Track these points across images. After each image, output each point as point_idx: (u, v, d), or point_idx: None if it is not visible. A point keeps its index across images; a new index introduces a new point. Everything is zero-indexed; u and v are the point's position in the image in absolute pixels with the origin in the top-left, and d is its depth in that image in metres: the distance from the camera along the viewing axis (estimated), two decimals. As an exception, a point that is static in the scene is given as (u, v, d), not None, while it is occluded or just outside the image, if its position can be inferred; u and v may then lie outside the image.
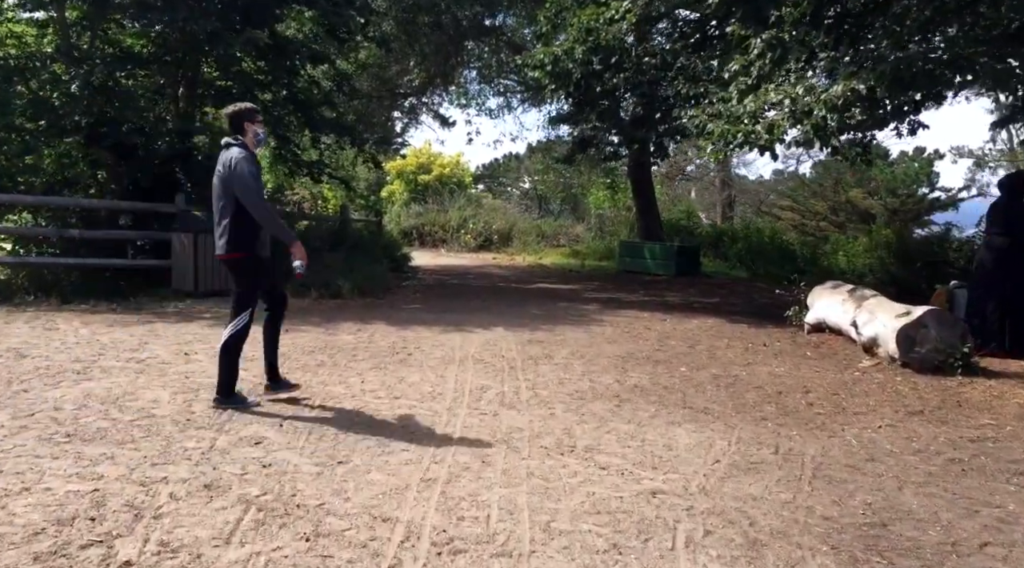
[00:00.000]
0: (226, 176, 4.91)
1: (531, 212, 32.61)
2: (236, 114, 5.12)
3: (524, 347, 8.15)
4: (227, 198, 4.94)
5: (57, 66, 11.86)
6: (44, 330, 7.70)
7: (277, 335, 5.56)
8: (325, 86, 14.66)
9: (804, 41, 8.08)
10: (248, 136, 5.07)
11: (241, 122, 5.09)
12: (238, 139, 5.05)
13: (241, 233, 4.96)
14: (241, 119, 5.09)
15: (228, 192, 4.93)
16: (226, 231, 4.96)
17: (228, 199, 4.94)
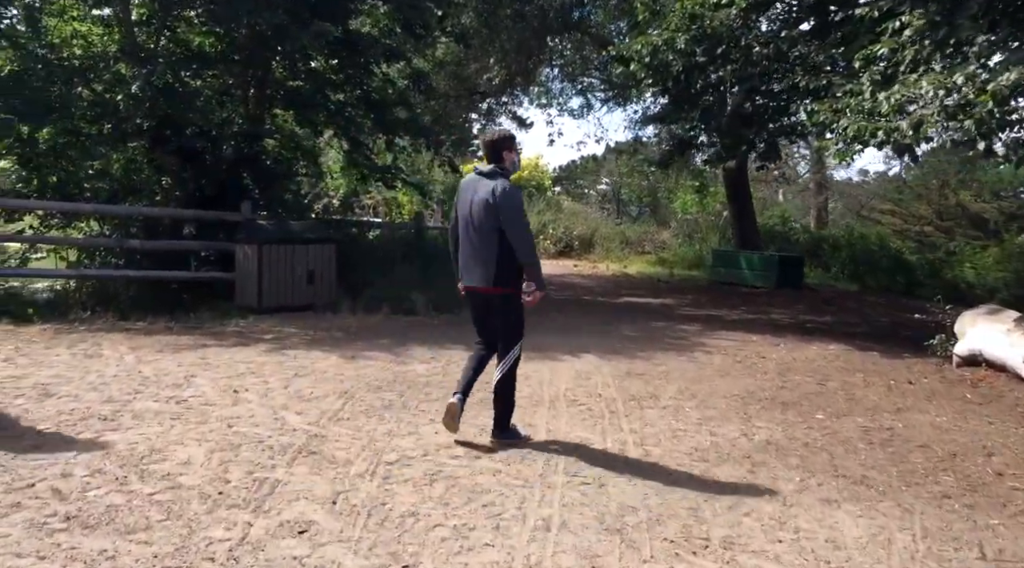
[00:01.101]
0: (495, 206, 4.68)
1: (611, 216, 31.28)
2: (496, 142, 4.92)
3: (623, 382, 6.99)
4: (492, 230, 4.73)
5: (121, 66, 11.23)
6: (85, 357, 6.90)
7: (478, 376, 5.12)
8: (400, 85, 13.75)
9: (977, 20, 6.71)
10: (506, 164, 4.90)
11: (500, 150, 4.89)
12: (501, 167, 4.86)
13: (514, 265, 4.76)
14: (500, 147, 4.90)
15: (494, 224, 4.71)
16: (494, 264, 4.77)
17: (493, 231, 4.73)
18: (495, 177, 4.81)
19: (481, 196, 4.76)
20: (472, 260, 4.85)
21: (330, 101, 12.66)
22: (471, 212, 4.81)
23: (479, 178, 4.87)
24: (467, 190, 4.91)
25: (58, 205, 10.76)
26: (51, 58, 10.83)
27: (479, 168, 4.93)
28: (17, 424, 4.80)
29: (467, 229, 4.86)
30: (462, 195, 4.94)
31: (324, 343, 8.43)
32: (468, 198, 4.86)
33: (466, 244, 4.88)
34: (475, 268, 4.84)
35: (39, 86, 10.58)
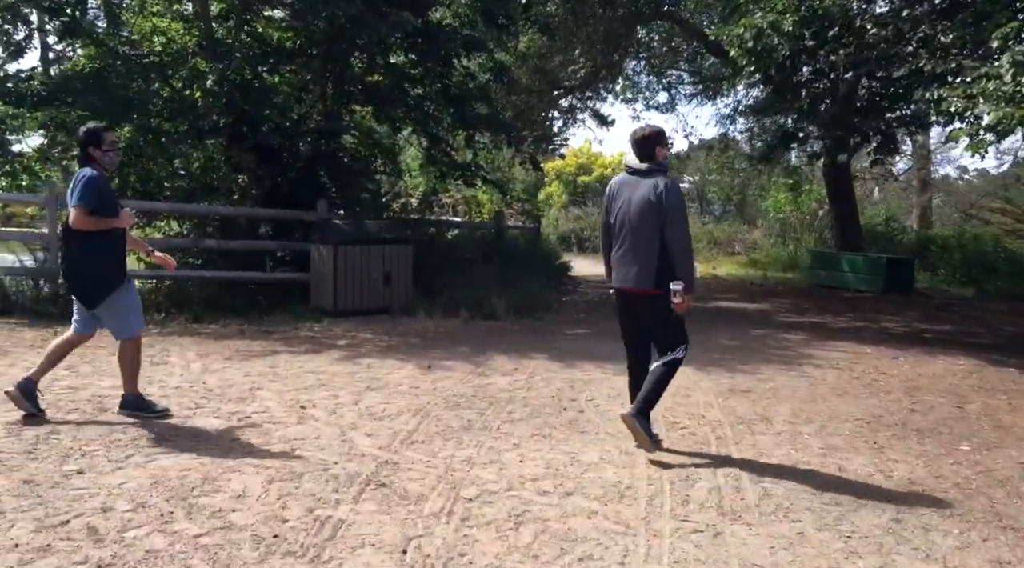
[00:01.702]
0: (658, 205, 4.55)
1: (697, 215, 30.17)
2: (649, 137, 4.71)
3: (726, 400, 6.24)
4: (653, 229, 4.59)
5: (199, 61, 11.01)
6: (150, 365, 6.53)
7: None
8: (480, 79, 13.20)
9: None
10: (660, 160, 4.72)
11: (653, 145, 4.71)
12: (658, 164, 4.69)
13: (670, 268, 4.60)
14: (654, 142, 4.71)
15: (656, 223, 4.58)
16: (655, 265, 4.61)
17: (654, 230, 4.59)
18: (654, 174, 4.66)
19: (641, 194, 4.62)
20: (630, 261, 4.71)
21: (409, 96, 12.21)
22: (629, 211, 4.67)
23: (635, 177, 4.72)
24: (623, 189, 4.76)
25: (134, 204, 10.58)
26: (131, 55, 10.68)
27: (632, 165, 4.77)
28: (64, 445, 4.38)
29: (623, 229, 4.72)
30: (617, 194, 4.79)
31: (399, 350, 7.92)
32: (625, 197, 4.71)
33: (623, 244, 4.73)
34: (633, 269, 4.69)
35: (119, 83, 10.43)
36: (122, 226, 4.69)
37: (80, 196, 4.51)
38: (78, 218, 4.51)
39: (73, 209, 4.53)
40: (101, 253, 4.62)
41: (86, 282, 4.66)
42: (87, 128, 4.78)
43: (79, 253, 4.60)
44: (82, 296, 4.71)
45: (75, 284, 4.70)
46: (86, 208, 4.50)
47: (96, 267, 4.63)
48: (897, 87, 8.98)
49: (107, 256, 4.66)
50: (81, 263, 4.61)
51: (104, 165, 4.73)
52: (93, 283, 4.66)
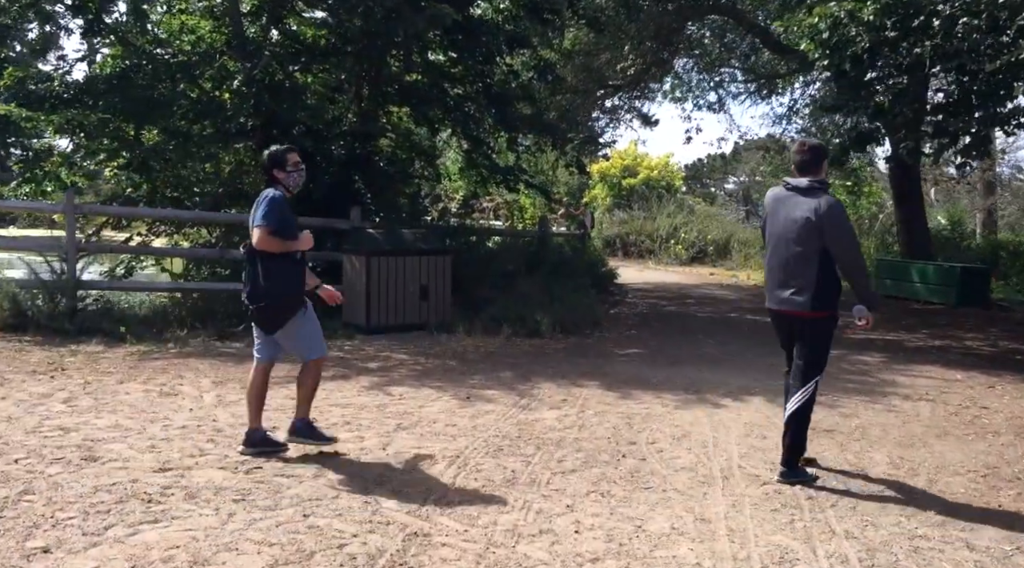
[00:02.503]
0: (818, 225, 4.35)
1: (745, 219, 29.07)
2: (813, 152, 4.55)
3: (809, 444, 5.38)
4: (811, 249, 4.41)
5: (227, 61, 10.43)
6: (159, 396, 5.89)
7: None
8: (523, 78, 12.45)
9: None
10: (819, 177, 4.52)
11: (817, 162, 4.53)
12: (820, 181, 4.49)
13: (830, 289, 4.47)
14: (818, 158, 4.55)
15: (815, 243, 4.39)
16: (813, 285, 4.43)
17: (812, 251, 4.41)
18: (814, 193, 4.44)
19: (799, 214, 4.43)
20: (785, 281, 4.54)
21: (448, 96, 11.51)
22: (784, 229, 4.50)
23: (793, 194, 4.51)
24: (778, 206, 4.59)
25: (153, 212, 10.05)
26: (157, 54, 10.12)
27: (790, 181, 4.56)
28: (35, 511, 3.71)
29: (780, 248, 4.55)
30: (774, 212, 4.61)
31: (435, 375, 7.20)
32: (780, 214, 4.54)
33: (778, 264, 4.57)
34: (786, 290, 4.53)
35: (144, 84, 9.88)
36: (302, 248, 4.50)
37: (263, 215, 4.34)
38: (262, 238, 4.33)
39: (256, 229, 4.35)
40: (284, 276, 4.45)
41: (270, 306, 4.47)
42: (272, 151, 4.69)
43: (263, 276, 4.40)
44: (264, 320, 4.52)
45: (259, 307, 4.47)
46: (269, 227, 4.33)
47: (279, 290, 4.44)
48: (991, 82, 8.02)
49: (289, 279, 4.48)
50: (265, 286, 4.41)
51: (288, 187, 4.60)
52: (277, 307, 4.49)
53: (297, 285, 4.50)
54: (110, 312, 8.92)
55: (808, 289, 4.43)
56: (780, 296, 4.57)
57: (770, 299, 4.68)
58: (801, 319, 4.52)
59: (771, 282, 4.65)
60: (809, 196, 4.43)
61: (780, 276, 4.56)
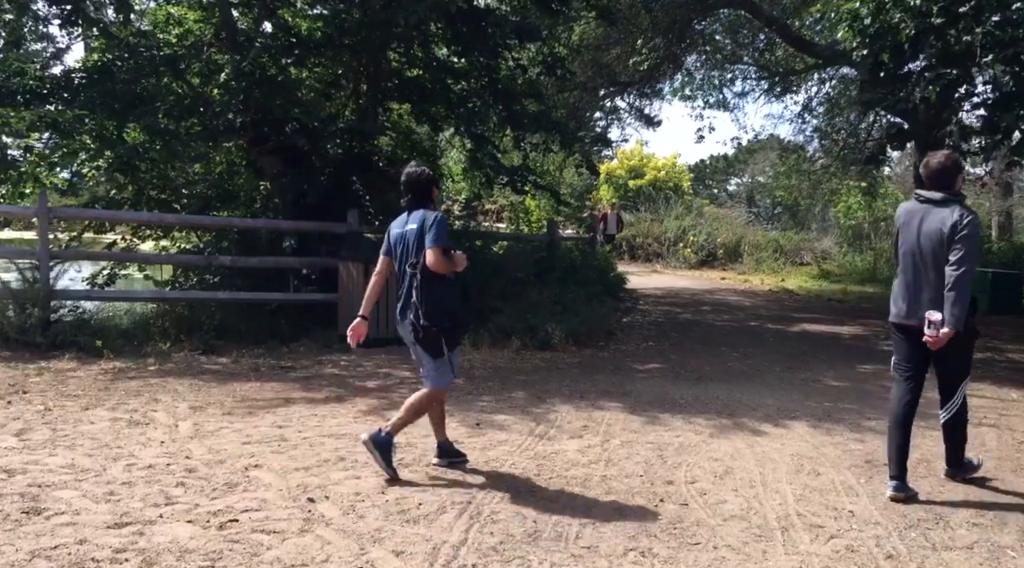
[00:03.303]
0: (951, 237, 4.29)
1: (755, 221, 28.36)
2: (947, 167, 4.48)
3: (870, 481, 4.70)
4: (939, 264, 4.37)
5: (215, 53, 9.74)
6: (127, 426, 5.18)
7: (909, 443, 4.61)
8: (531, 73, 11.76)
9: None
10: (954, 190, 4.46)
11: (952, 176, 4.47)
12: (955, 193, 4.43)
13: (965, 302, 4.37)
14: (953, 173, 4.48)
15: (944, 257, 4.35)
16: (957, 301, 4.29)
17: (939, 265, 4.37)
18: (949, 205, 4.37)
19: (933, 225, 4.38)
20: (915, 296, 4.49)
21: (451, 91, 10.81)
22: (918, 243, 4.45)
23: (928, 206, 4.45)
24: (911, 219, 4.53)
25: (134, 216, 9.36)
26: (140, 46, 9.42)
27: (923, 194, 4.51)
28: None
29: (916, 262, 4.49)
30: (905, 224, 4.56)
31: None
32: (914, 227, 4.49)
33: (914, 278, 4.50)
34: (923, 304, 4.43)
35: (126, 79, 9.18)
36: (459, 269, 4.48)
37: (437, 236, 4.32)
38: (439, 260, 4.29)
39: (431, 250, 4.29)
40: (453, 297, 4.53)
41: (450, 327, 4.50)
42: (428, 171, 4.68)
43: (439, 297, 4.40)
44: (433, 342, 4.44)
45: (442, 329, 4.43)
46: (444, 248, 4.33)
47: (450, 314, 4.49)
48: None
49: (456, 300, 4.57)
50: (442, 308, 4.42)
51: (436, 206, 4.66)
52: (455, 328, 4.58)
53: (458, 307, 4.60)
54: (87, 324, 8.23)
55: (958, 303, 4.30)
56: (911, 311, 4.49)
57: (904, 313, 4.55)
58: None
59: (906, 296, 4.55)
60: (944, 207, 4.38)
61: (917, 290, 4.48)
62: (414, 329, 4.42)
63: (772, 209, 40.76)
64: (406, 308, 4.46)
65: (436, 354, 4.48)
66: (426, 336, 4.41)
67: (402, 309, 4.50)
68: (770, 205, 41.96)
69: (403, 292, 4.49)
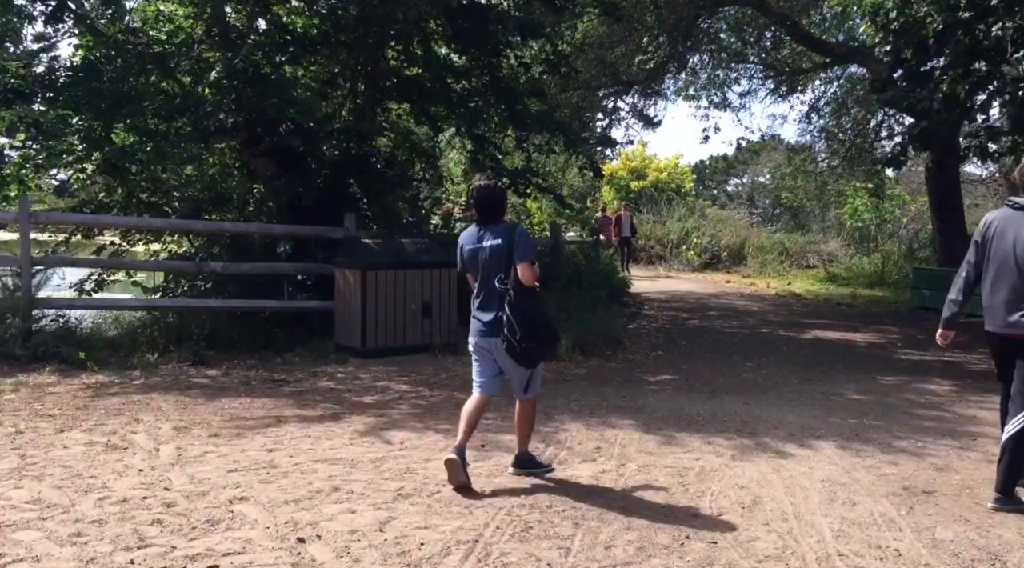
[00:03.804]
0: None
1: (760, 223, 28.02)
2: None
3: (911, 512, 4.31)
4: None
5: (206, 50, 9.36)
6: (103, 450, 4.79)
7: None
8: (534, 71, 11.37)
9: None
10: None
11: None
12: None
13: None
14: None
15: None
16: None
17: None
18: None
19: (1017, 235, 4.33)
20: (1016, 304, 4.34)
21: (451, 90, 10.43)
22: (1015, 250, 4.34)
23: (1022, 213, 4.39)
24: (1007, 227, 4.42)
25: (121, 220, 8.97)
26: (128, 43, 9.04)
27: (1017, 201, 4.45)
28: None
29: (1010, 270, 4.37)
30: (1000, 232, 4.44)
31: (442, 413, 6.13)
32: (1011, 236, 4.37)
33: (1007, 286, 4.37)
34: (1018, 312, 4.31)
35: (113, 77, 8.80)
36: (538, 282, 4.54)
37: (527, 249, 4.39)
38: (531, 273, 4.35)
39: (523, 265, 4.34)
40: (542, 309, 4.52)
41: (547, 340, 4.50)
42: (501, 184, 4.74)
43: (532, 311, 4.38)
44: (532, 356, 4.45)
45: (539, 343, 4.42)
46: (534, 261, 4.40)
47: (547, 326, 4.48)
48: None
49: (546, 312, 4.57)
50: (536, 321, 4.39)
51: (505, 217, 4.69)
52: (546, 343, 4.53)
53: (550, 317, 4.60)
54: (71, 334, 7.84)
55: None
56: (1010, 319, 4.37)
57: (996, 323, 4.46)
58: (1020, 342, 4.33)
59: (997, 305, 4.44)
60: None
61: (1010, 298, 4.36)
62: (509, 345, 4.35)
63: (772, 210, 40.48)
64: (497, 325, 4.41)
65: (529, 365, 4.51)
66: (524, 351, 4.37)
67: (491, 325, 4.45)
68: (769, 206, 41.72)
69: (490, 308, 4.46)
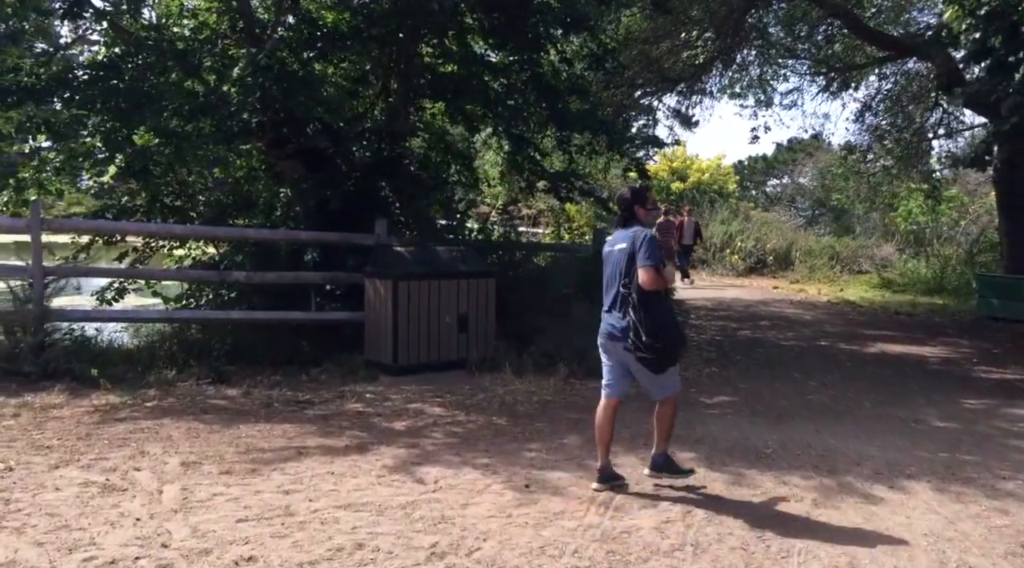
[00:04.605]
0: None
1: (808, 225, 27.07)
2: None
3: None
4: None
5: (231, 46, 8.87)
6: (101, 492, 4.23)
7: None
8: (576, 68, 10.72)
9: None
10: None
11: None
12: None
13: None
14: None
15: None
16: None
17: None
18: None
19: None
20: None
21: (489, 88, 9.81)
22: None
23: None
24: None
25: (139, 227, 8.51)
26: (148, 39, 8.57)
27: None
28: None
29: None
30: None
31: (480, 443, 5.52)
32: None
33: None
34: None
35: (134, 75, 8.33)
36: (669, 284, 4.56)
37: (651, 255, 4.42)
38: (653, 278, 4.38)
39: (644, 269, 4.39)
40: (670, 314, 4.58)
41: (671, 344, 4.49)
42: (633, 188, 4.82)
43: (657, 315, 4.41)
44: (657, 361, 4.47)
45: (663, 346, 4.42)
46: (658, 267, 4.41)
47: (671, 330, 4.49)
48: None
49: (673, 316, 4.61)
50: (662, 326, 4.40)
51: (646, 224, 4.68)
52: (677, 346, 4.58)
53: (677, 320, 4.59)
54: (86, 348, 7.36)
55: None
56: None
57: None
58: None
59: None
60: None
61: None
62: (636, 349, 4.39)
63: (813, 211, 39.44)
64: (623, 329, 4.47)
65: (656, 370, 4.50)
66: (651, 354, 4.40)
67: (618, 330, 4.50)
68: (809, 207, 40.68)
69: (616, 313, 4.52)
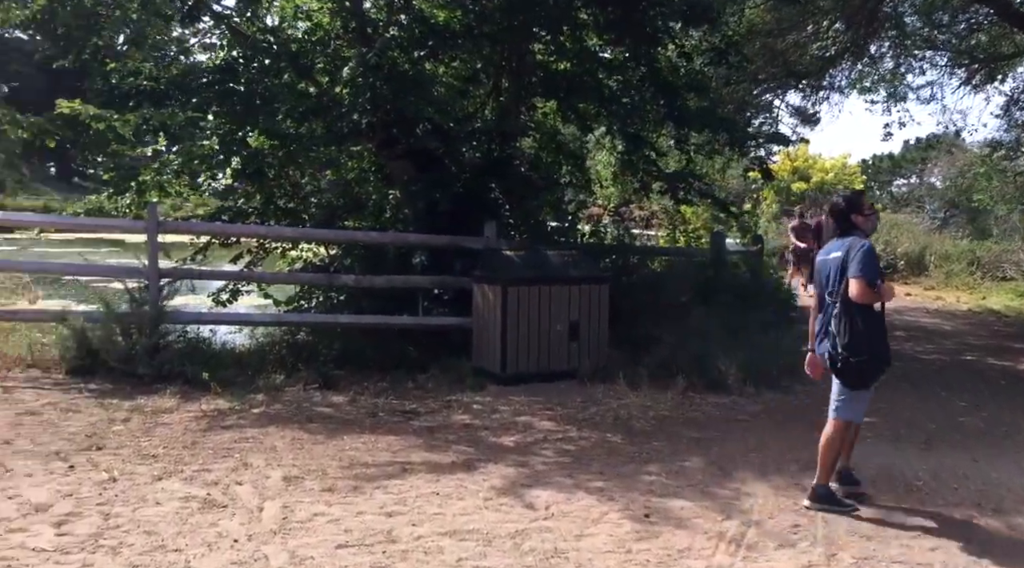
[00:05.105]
0: None
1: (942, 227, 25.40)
2: None
3: None
4: None
5: (342, 46, 8.79)
6: (201, 508, 4.06)
7: None
8: (697, 62, 10.17)
9: None
10: None
11: None
12: None
13: None
14: None
15: None
16: None
17: None
18: None
19: None
20: None
21: (603, 85, 9.39)
22: None
23: None
24: None
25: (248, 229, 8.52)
26: (264, 42, 8.60)
27: None
28: None
29: None
30: None
31: (594, 463, 5.14)
32: None
33: None
34: None
35: (250, 78, 8.36)
36: (887, 300, 4.47)
37: (864, 267, 4.30)
38: (864, 291, 4.26)
39: (854, 280, 4.28)
40: (879, 328, 4.43)
41: (870, 359, 4.36)
42: (848, 194, 4.83)
43: (862, 328, 4.30)
44: (851, 373, 4.38)
45: (860, 361, 4.31)
46: (869, 280, 4.29)
47: (875, 346, 4.37)
48: None
49: (882, 332, 4.46)
50: (865, 340, 4.31)
51: (866, 231, 4.60)
52: (878, 362, 4.42)
53: (886, 338, 4.49)
54: (198, 350, 7.39)
55: None
56: None
57: None
58: None
59: None
60: None
61: None
62: (831, 358, 4.36)
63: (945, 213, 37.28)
64: (824, 337, 4.45)
65: (852, 385, 4.41)
66: (844, 366, 4.33)
67: (821, 338, 4.50)
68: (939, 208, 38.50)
69: (823, 320, 4.49)
